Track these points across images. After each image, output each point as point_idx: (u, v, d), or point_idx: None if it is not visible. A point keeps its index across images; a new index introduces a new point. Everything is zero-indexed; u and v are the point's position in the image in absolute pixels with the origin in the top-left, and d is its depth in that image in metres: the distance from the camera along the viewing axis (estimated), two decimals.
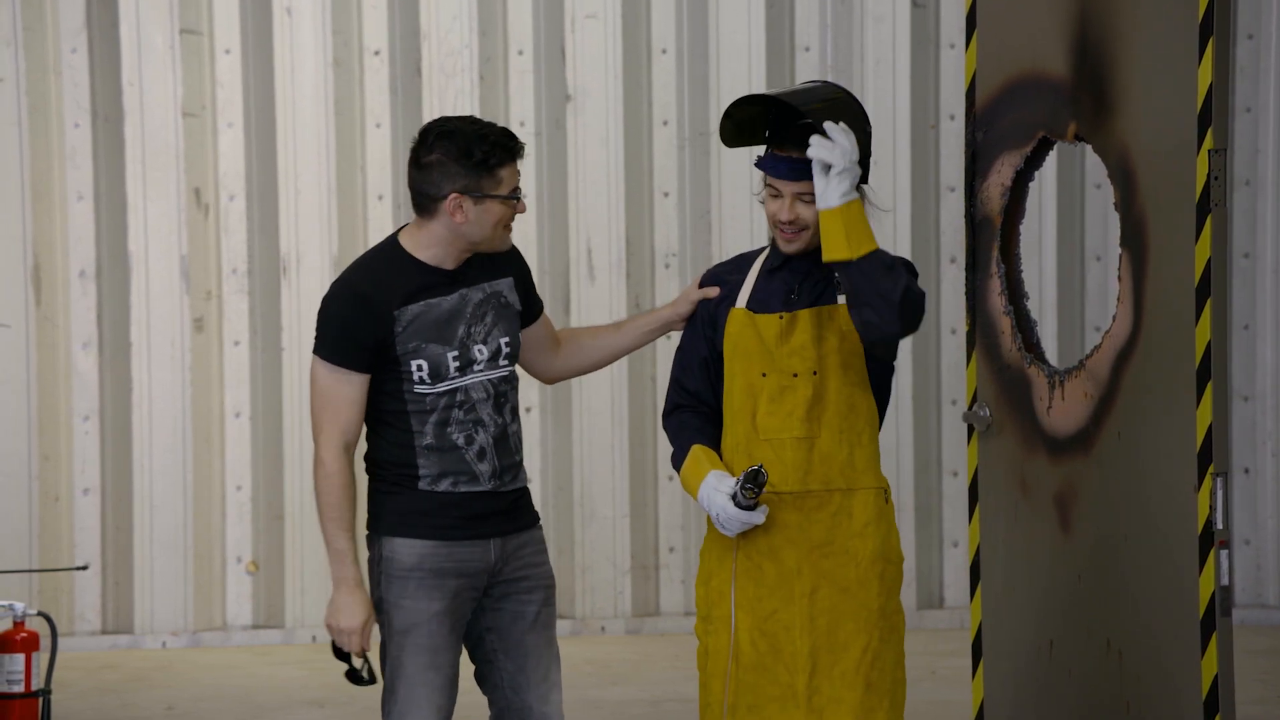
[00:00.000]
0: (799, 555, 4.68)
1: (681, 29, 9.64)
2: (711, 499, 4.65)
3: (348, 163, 9.56)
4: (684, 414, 4.83)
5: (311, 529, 9.50)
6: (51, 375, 9.42)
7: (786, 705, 4.66)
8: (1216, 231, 4.90)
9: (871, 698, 4.66)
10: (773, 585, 4.69)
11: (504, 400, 4.66)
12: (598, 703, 7.76)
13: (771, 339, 4.72)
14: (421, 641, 4.61)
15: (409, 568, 4.64)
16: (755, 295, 4.79)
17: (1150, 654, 5.04)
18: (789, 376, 4.70)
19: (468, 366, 4.63)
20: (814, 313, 4.71)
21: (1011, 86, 5.54)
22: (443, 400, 4.63)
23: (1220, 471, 4.89)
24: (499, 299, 4.69)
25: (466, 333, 4.63)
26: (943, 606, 9.71)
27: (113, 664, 9.03)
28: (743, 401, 4.74)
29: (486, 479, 4.63)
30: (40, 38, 9.38)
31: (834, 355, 4.70)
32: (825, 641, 4.66)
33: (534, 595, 4.69)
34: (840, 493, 4.70)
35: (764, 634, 4.69)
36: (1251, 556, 9.83)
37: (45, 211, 9.40)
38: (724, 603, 4.74)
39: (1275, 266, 9.83)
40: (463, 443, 4.62)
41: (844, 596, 4.68)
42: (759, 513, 4.61)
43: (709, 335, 4.82)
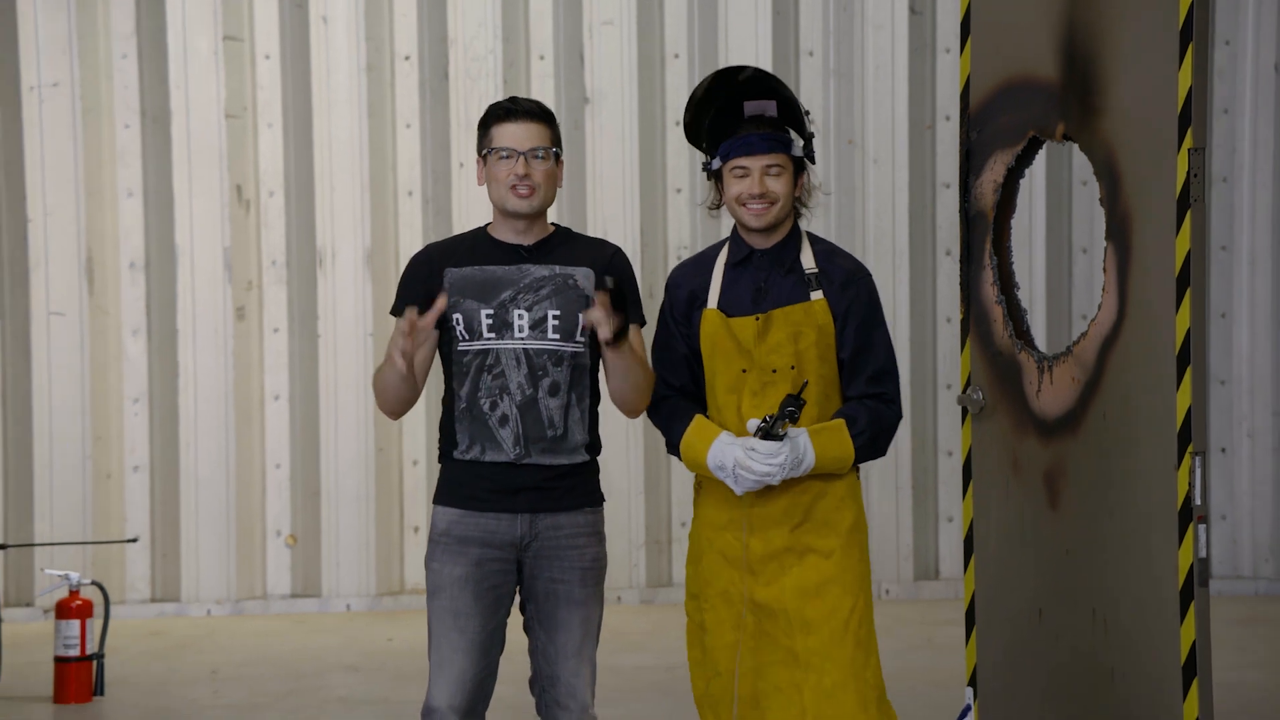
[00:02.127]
0: (784, 534, 4.68)
1: (693, 35, 9.64)
2: (725, 453, 4.61)
3: (380, 161, 9.57)
4: (673, 400, 4.80)
5: (346, 505, 9.53)
6: (103, 360, 9.44)
7: (789, 666, 4.66)
8: (1196, 225, 4.89)
9: (860, 653, 4.67)
10: (762, 560, 4.69)
11: (541, 373, 4.59)
12: (615, 668, 7.78)
13: (748, 340, 4.70)
14: (445, 604, 4.62)
15: (440, 533, 4.66)
16: (724, 295, 4.76)
17: (1133, 622, 5.05)
18: (769, 373, 4.69)
19: (503, 328, 4.60)
20: (788, 312, 4.69)
21: (1003, 89, 5.53)
22: (474, 362, 4.61)
23: (1199, 451, 4.88)
24: (567, 280, 4.64)
25: (512, 298, 4.60)
26: (938, 578, 9.71)
27: (161, 630, 9.06)
28: (726, 397, 4.73)
29: (509, 446, 4.59)
30: (93, 44, 9.39)
31: (811, 350, 4.68)
32: (816, 603, 4.66)
33: (569, 574, 4.64)
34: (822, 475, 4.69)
35: (759, 604, 4.69)
36: (1228, 531, 9.83)
37: (97, 207, 9.43)
38: (719, 580, 4.74)
39: (1251, 258, 9.82)
40: (488, 408, 4.60)
41: (828, 564, 4.68)
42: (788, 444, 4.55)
43: (685, 334, 4.79)
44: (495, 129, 4.65)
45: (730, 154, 4.69)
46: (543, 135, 4.66)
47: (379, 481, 9.56)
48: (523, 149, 4.62)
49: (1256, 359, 9.83)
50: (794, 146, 4.71)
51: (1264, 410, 9.83)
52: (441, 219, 9.43)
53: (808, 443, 4.58)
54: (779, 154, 4.68)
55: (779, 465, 4.54)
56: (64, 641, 7.45)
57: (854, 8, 9.66)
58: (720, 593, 4.74)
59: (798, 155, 4.72)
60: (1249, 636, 8.57)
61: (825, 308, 4.69)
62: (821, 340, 4.68)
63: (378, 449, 9.53)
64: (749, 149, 4.67)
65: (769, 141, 4.67)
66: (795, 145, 4.71)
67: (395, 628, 9.01)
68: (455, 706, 4.57)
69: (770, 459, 4.54)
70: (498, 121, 4.66)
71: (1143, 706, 5.01)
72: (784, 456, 4.54)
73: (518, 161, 4.61)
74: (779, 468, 4.55)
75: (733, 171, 4.70)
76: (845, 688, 4.63)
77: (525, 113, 4.67)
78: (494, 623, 4.63)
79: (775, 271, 4.73)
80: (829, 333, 4.69)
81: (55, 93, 9.37)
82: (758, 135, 4.67)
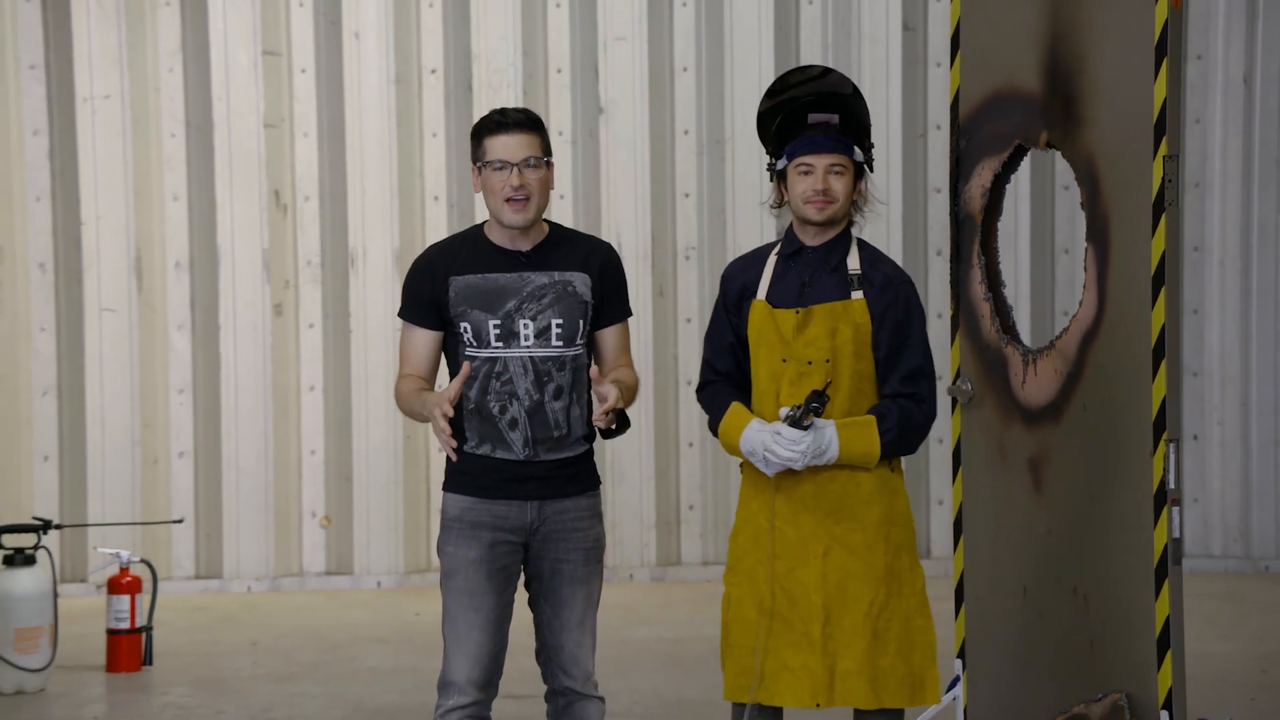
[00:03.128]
0: (814, 521, 4.64)
1: (700, 50, 9.64)
2: (755, 439, 4.59)
3: (408, 168, 9.58)
4: (716, 386, 4.80)
5: (376, 489, 9.54)
6: (151, 354, 9.46)
7: (802, 649, 4.64)
8: (1170, 228, 4.89)
9: (878, 644, 4.62)
10: (791, 546, 4.66)
11: (546, 379, 4.58)
12: (627, 641, 7.77)
13: (789, 331, 4.68)
14: (460, 584, 4.60)
15: (452, 519, 4.65)
16: (773, 288, 4.74)
17: (1111, 598, 5.04)
18: (804, 364, 4.66)
19: (510, 338, 4.58)
20: (828, 308, 4.66)
21: (991, 100, 5.53)
22: (483, 368, 4.59)
23: (1173, 438, 4.88)
24: (566, 287, 4.62)
25: (516, 308, 4.58)
26: (930, 557, 9.71)
27: (205, 605, 9.07)
28: (767, 384, 4.71)
29: (519, 448, 4.57)
30: (141, 59, 9.40)
31: (847, 345, 4.64)
32: (836, 596, 4.62)
33: (573, 554, 4.64)
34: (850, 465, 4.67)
35: (783, 589, 4.66)
36: (1200, 513, 9.82)
37: (145, 210, 9.44)
38: (749, 557, 4.73)
39: (1221, 259, 9.81)
40: (497, 411, 4.58)
41: (852, 557, 4.64)
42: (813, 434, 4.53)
43: (735, 324, 4.78)
44: (488, 141, 4.58)
45: (796, 152, 4.67)
46: (533, 145, 4.58)
47: (407, 467, 9.57)
48: (515, 160, 4.55)
49: (1226, 353, 9.83)
50: (856, 151, 4.70)
51: (1233, 400, 9.83)
52: (465, 222, 9.43)
53: (834, 435, 4.57)
54: (842, 154, 4.66)
55: (801, 453, 4.54)
56: (115, 615, 7.46)
57: (851, 24, 9.65)
58: (748, 571, 4.72)
59: (859, 160, 4.70)
60: (1219, 611, 8.57)
61: (864, 308, 4.66)
62: (857, 338, 4.65)
63: (405, 437, 9.54)
64: (815, 148, 4.65)
65: (834, 141, 4.65)
66: (857, 150, 4.70)
67: (422, 603, 9.01)
68: (473, 680, 4.57)
69: (793, 445, 4.53)
70: (489, 134, 4.59)
71: (1120, 677, 5.01)
72: (806, 445, 4.53)
73: (511, 173, 4.54)
74: (801, 455, 4.54)
75: (798, 169, 4.66)
76: (859, 676, 4.60)
77: (515, 124, 4.59)
78: (505, 600, 4.62)
79: (821, 269, 4.71)
80: (865, 331, 4.66)
81: (107, 104, 9.38)
82: (824, 135, 4.66)
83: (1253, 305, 9.82)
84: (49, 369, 9.38)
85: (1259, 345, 9.83)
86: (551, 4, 9.58)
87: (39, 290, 9.36)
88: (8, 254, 9.33)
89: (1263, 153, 9.77)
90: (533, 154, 4.56)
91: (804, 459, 4.55)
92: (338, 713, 6.76)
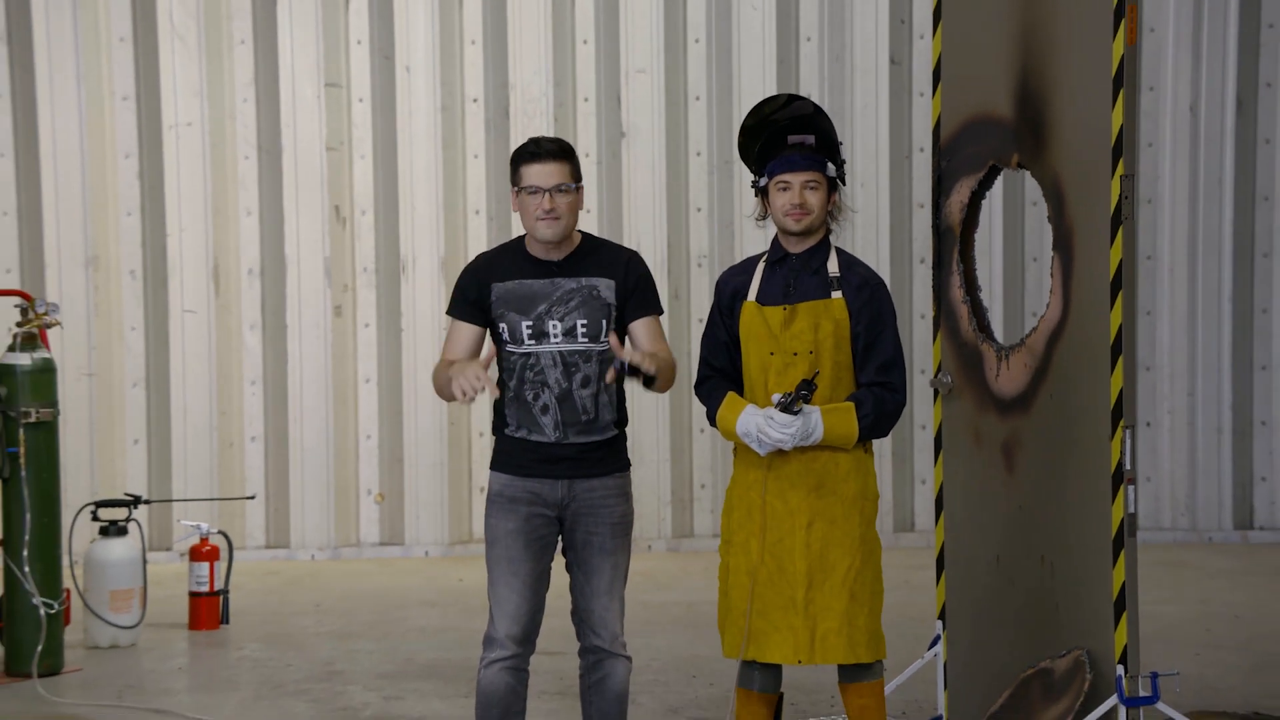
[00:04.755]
0: (799, 496, 4.65)
1: (711, 81, 9.64)
2: (749, 422, 4.60)
3: (452, 186, 9.59)
4: (713, 381, 4.81)
5: (424, 469, 9.56)
6: (227, 349, 9.49)
7: (788, 611, 4.65)
8: (1126, 239, 4.88)
9: (854, 605, 4.64)
10: (780, 518, 4.68)
11: (574, 370, 4.59)
12: (646, 604, 7.79)
13: (776, 326, 4.69)
14: (501, 552, 4.62)
15: (495, 494, 4.66)
16: (762, 289, 4.75)
17: (1074, 566, 5.04)
18: (790, 355, 4.67)
19: (541, 336, 4.59)
20: (811, 306, 4.68)
21: (968, 126, 5.52)
22: (519, 362, 4.61)
23: (1128, 425, 4.87)
24: (592, 291, 4.62)
25: (547, 310, 4.59)
26: (914, 530, 9.72)
27: (274, 571, 9.10)
28: (757, 375, 4.72)
29: (550, 431, 4.58)
30: (219, 90, 9.43)
31: (828, 339, 4.66)
32: (818, 563, 4.64)
33: (601, 528, 4.63)
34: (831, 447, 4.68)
35: (772, 556, 4.67)
36: (1152, 490, 9.82)
37: (222, 224, 9.47)
38: (742, 531, 4.73)
39: (1171, 267, 9.80)
40: (531, 398, 4.60)
41: (832, 528, 4.65)
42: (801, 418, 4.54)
43: (728, 323, 4.79)
44: (524, 169, 4.58)
45: (775, 171, 4.69)
46: (564, 173, 4.58)
47: (451, 450, 9.59)
48: (547, 186, 4.55)
49: (1175, 349, 9.82)
50: (828, 168, 4.70)
51: (1181, 391, 9.82)
52: (503, 234, 9.45)
53: (819, 419, 4.58)
54: (816, 172, 4.68)
55: (791, 435, 4.55)
56: (196, 579, 7.49)
57: (844, 59, 9.65)
58: (742, 543, 4.73)
59: (831, 175, 4.72)
60: (1168, 577, 8.56)
61: (843, 306, 4.67)
62: (837, 332, 4.66)
63: (450, 423, 9.56)
64: (792, 166, 4.67)
65: (808, 160, 4.67)
66: (830, 168, 4.71)
67: (465, 570, 9.04)
68: (512, 635, 4.58)
69: (784, 428, 4.54)
70: (525, 163, 4.58)
71: (1082, 635, 5.01)
72: (795, 428, 4.55)
73: (544, 197, 4.55)
74: (791, 436, 4.55)
75: (777, 185, 4.68)
76: (839, 635, 4.62)
77: (548, 154, 4.58)
78: (541, 566, 4.63)
79: (804, 272, 4.72)
80: (844, 326, 4.67)
81: (189, 131, 9.40)
82: (799, 155, 4.67)
83: (1198, 308, 9.81)
84: (139, 364, 9.42)
85: (1203, 343, 9.82)
86: (579, 40, 9.59)
87: (130, 294, 9.40)
88: (102, 262, 9.37)
89: (1207, 173, 9.76)
90: (563, 181, 4.57)
91: (793, 440, 4.56)
92: (390, 666, 6.78)
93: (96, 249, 9.35)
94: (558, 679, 6.24)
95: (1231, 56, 9.70)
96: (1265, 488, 9.82)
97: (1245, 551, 9.49)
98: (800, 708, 5.90)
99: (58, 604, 6.61)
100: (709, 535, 9.59)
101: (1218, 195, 9.76)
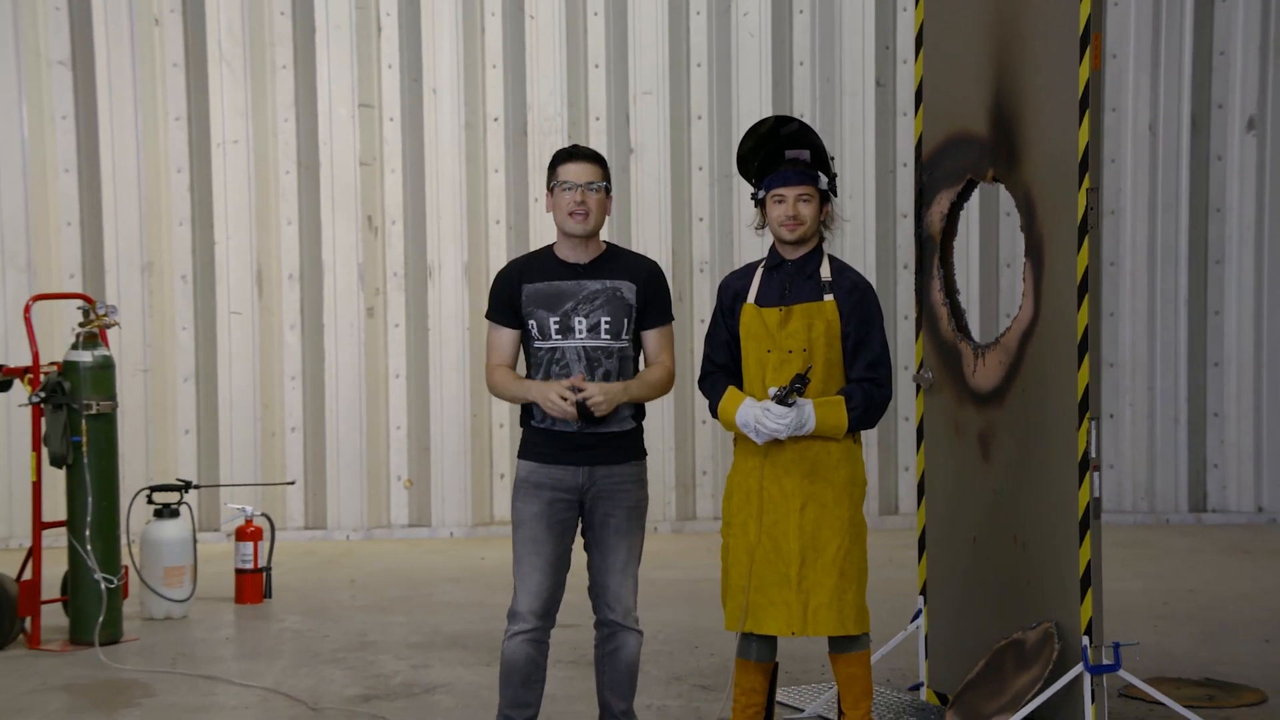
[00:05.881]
0: (794, 481, 4.65)
1: (712, 102, 9.64)
2: (748, 413, 4.60)
3: (475, 198, 9.60)
4: (715, 376, 4.81)
5: (450, 457, 9.56)
6: (269, 347, 9.50)
7: (783, 587, 4.65)
8: (1092, 247, 4.88)
9: (843, 582, 4.64)
10: (775, 502, 4.68)
11: (597, 364, 4.59)
12: (653, 581, 7.76)
13: (773, 325, 4.69)
14: (526, 533, 4.61)
15: (521, 480, 4.65)
16: (760, 292, 4.76)
17: (1044, 546, 5.04)
18: (786, 353, 4.67)
19: (567, 332, 4.59)
20: (805, 308, 4.68)
21: (948, 143, 5.52)
22: (546, 356, 4.61)
23: (1094, 416, 4.87)
24: (615, 292, 4.63)
25: (573, 308, 4.60)
26: (898, 513, 9.72)
27: (312, 550, 9.11)
28: (755, 370, 4.72)
29: (573, 422, 4.57)
30: (263, 111, 9.44)
31: (821, 338, 4.66)
32: (811, 542, 4.64)
33: (618, 511, 4.63)
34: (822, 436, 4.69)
35: (769, 536, 4.67)
36: (1114, 477, 9.82)
37: (264, 232, 9.48)
38: (741, 514, 4.74)
39: (1132, 271, 9.80)
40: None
41: (824, 511, 4.66)
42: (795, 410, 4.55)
43: (729, 323, 4.79)
44: (560, 167, 4.63)
45: (772, 185, 4.70)
46: (596, 173, 4.63)
47: (474, 439, 9.60)
48: (580, 182, 4.59)
49: (1136, 348, 9.82)
50: (820, 181, 4.71)
51: (1141, 386, 9.82)
52: (521, 242, 9.46)
53: (812, 411, 4.59)
54: (808, 186, 4.68)
55: (786, 425, 4.56)
56: (241, 557, 7.51)
57: (834, 81, 9.65)
58: (740, 525, 4.73)
59: (823, 189, 4.72)
60: (1129, 556, 8.56)
61: (834, 308, 4.67)
62: (829, 332, 4.67)
63: (472, 415, 9.57)
64: (786, 181, 4.68)
65: (801, 175, 4.68)
66: (821, 181, 4.71)
67: (486, 550, 9.04)
68: (534, 610, 4.59)
69: (780, 419, 4.55)
70: (562, 162, 4.64)
71: (1051, 609, 5.01)
72: (790, 418, 4.55)
73: (576, 192, 4.58)
74: (786, 426, 4.56)
75: (774, 198, 4.69)
76: (829, 609, 4.62)
77: (584, 156, 4.65)
78: (562, 548, 4.62)
79: (799, 277, 4.73)
80: (835, 327, 4.67)
81: (235, 148, 9.42)
82: (793, 171, 4.68)
83: (1157, 309, 9.81)
84: (189, 360, 9.43)
85: (1162, 342, 9.82)
86: (591, 64, 9.59)
87: (181, 297, 9.41)
88: (156, 268, 9.38)
89: (1164, 187, 9.76)
90: (594, 180, 4.61)
91: (788, 430, 4.57)
92: (419, 637, 6.78)
93: (151, 256, 9.37)
94: (572, 649, 6.25)
95: (1186, 81, 9.70)
96: (1217, 474, 9.82)
97: (1199, 532, 9.49)
98: (793, 675, 5.91)
99: (117, 579, 6.62)
100: (710, 518, 9.59)
101: (1174, 207, 9.76)
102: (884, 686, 5.77)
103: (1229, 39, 9.73)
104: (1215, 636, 6.64)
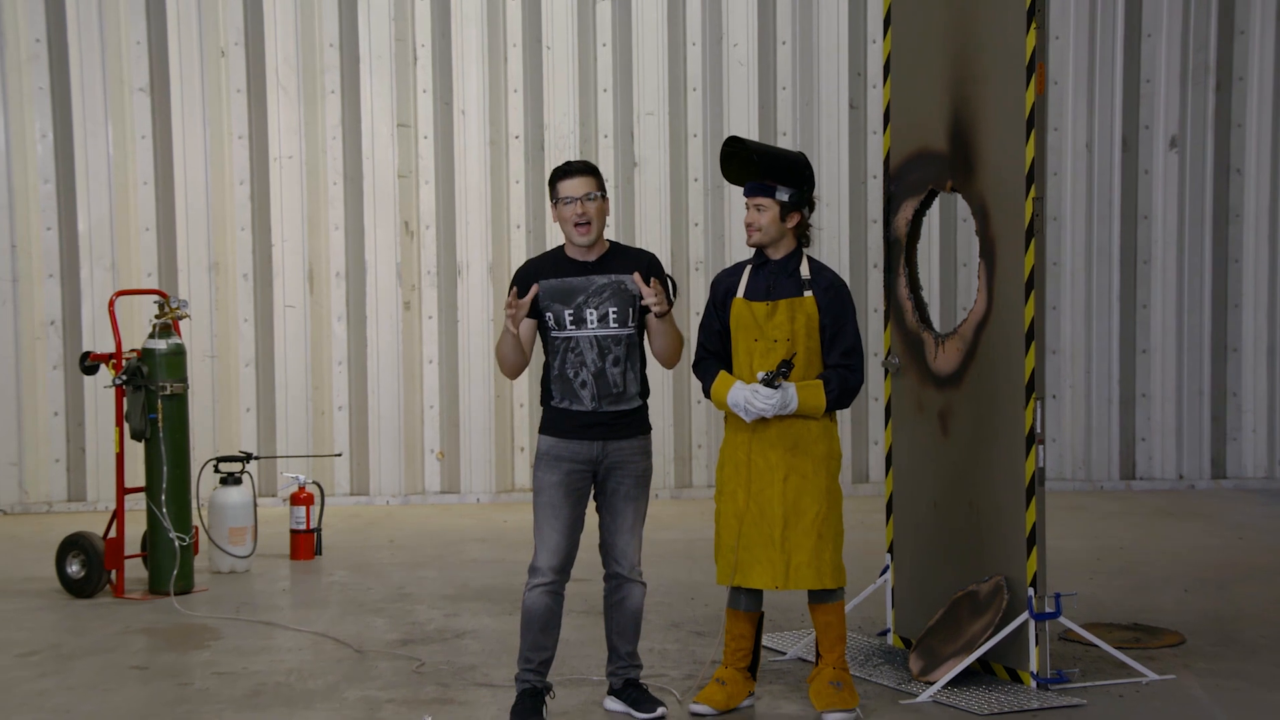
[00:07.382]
0: (778, 454, 4.66)
1: (706, 122, 9.63)
2: (738, 395, 4.61)
3: (499, 206, 9.59)
4: (708, 361, 4.81)
5: (477, 432, 9.56)
6: (319, 337, 9.49)
7: (768, 548, 4.66)
8: (1038, 249, 4.89)
9: (821, 543, 4.65)
10: (761, 472, 4.68)
11: (607, 351, 4.58)
12: (654, 541, 7.73)
13: (760, 318, 4.70)
14: (545, 500, 4.60)
15: (541, 453, 4.65)
16: (749, 288, 4.75)
17: (995, 510, 5.05)
18: (772, 342, 4.68)
19: (580, 322, 4.57)
20: (789, 302, 4.69)
21: (912, 157, 5.52)
22: (562, 344, 4.59)
23: (1039, 397, 4.88)
24: (620, 285, 4.60)
25: (584, 301, 4.58)
26: (869, 481, 9.73)
27: (356, 514, 9.11)
28: (744, 357, 4.72)
29: (587, 402, 4.57)
30: (314, 130, 9.43)
31: (802, 329, 4.67)
32: (792, 508, 4.65)
33: (627, 479, 4.62)
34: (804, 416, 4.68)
35: (756, 503, 4.68)
36: (1056, 450, 9.82)
37: (315, 236, 9.47)
38: (731, 483, 4.74)
39: (1071, 271, 9.80)
40: (571, 375, 4.58)
41: (804, 481, 4.66)
42: (780, 392, 4.55)
43: (721, 315, 4.79)
44: (559, 184, 4.59)
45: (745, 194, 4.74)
46: (591, 184, 4.58)
47: (497, 417, 9.59)
48: (579, 195, 4.56)
49: (1074, 338, 9.83)
50: (778, 193, 4.70)
51: (1080, 371, 9.83)
52: (539, 245, 9.46)
53: (794, 393, 4.60)
54: (763, 197, 4.69)
55: (772, 405, 4.57)
56: (295, 520, 7.51)
57: (813, 104, 9.64)
58: (730, 492, 4.74)
59: (781, 199, 4.71)
60: (1068, 519, 8.57)
61: (813, 303, 4.68)
62: (808, 324, 4.67)
63: (496, 396, 9.57)
64: (746, 193, 4.73)
65: (754, 189, 4.70)
66: (780, 192, 4.70)
67: (509, 514, 9.05)
68: (553, 566, 4.59)
69: (767, 400, 4.57)
70: (560, 179, 4.59)
71: (1000, 565, 5.02)
72: (776, 399, 4.57)
73: (576, 204, 4.55)
74: (772, 407, 4.57)
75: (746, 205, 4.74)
76: (809, 566, 4.63)
77: (578, 170, 4.60)
78: (577, 512, 4.62)
79: (782, 275, 4.73)
80: (814, 319, 4.67)
81: (290, 162, 9.41)
82: (751, 184, 4.71)
83: (1094, 304, 9.82)
84: (250, 348, 9.43)
85: (1097, 332, 9.83)
86: (600, 89, 9.58)
87: (243, 293, 9.41)
88: (222, 268, 9.38)
89: (1099, 197, 9.77)
90: (591, 190, 4.57)
91: (774, 410, 4.58)
92: (450, 590, 6.78)
93: (217, 257, 9.37)
94: (584, 600, 6.26)
95: (1118, 105, 9.72)
96: (1145, 446, 9.85)
97: (1128, 497, 9.50)
98: (777, 623, 5.92)
99: (188, 538, 6.64)
100: (704, 486, 9.60)
101: (1108, 215, 9.77)
102: (856, 632, 5.79)
103: (1154, 69, 9.74)
104: (1142, 588, 6.65)
